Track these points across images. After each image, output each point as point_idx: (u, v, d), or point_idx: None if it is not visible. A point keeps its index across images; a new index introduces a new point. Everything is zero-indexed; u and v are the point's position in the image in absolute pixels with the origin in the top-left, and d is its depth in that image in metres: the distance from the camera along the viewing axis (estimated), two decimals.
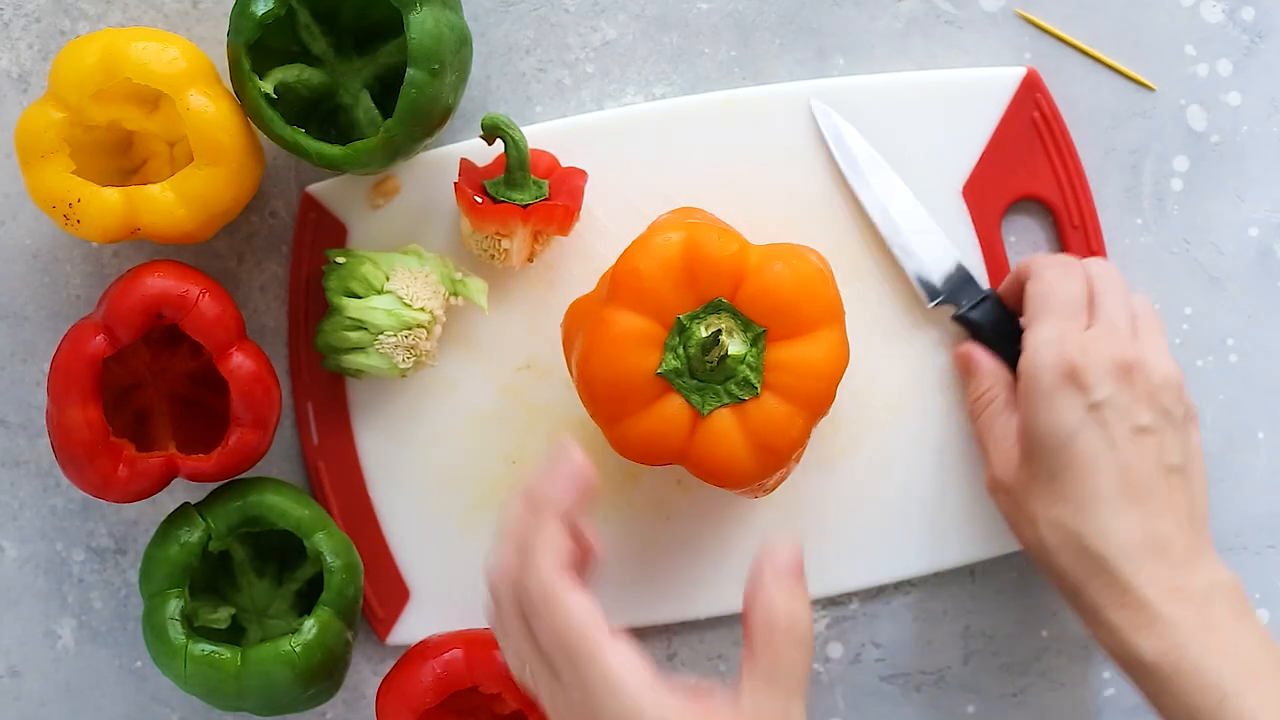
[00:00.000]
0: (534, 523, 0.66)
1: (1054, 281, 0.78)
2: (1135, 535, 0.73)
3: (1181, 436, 0.76)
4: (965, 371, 0.82)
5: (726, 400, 0.72)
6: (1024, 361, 0.77)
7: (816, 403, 0.73)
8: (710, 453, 0.72)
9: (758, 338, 0.72)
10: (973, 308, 0.82)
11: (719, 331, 0.71)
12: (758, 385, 0.72)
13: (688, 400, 0.72)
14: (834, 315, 0.73)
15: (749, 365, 0.72)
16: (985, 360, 0.81)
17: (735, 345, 0.72)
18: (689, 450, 0.73)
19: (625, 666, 0.63)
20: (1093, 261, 0.80)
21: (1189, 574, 0.73)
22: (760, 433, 0.72)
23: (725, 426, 0.72)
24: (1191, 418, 0.77)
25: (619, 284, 0.72)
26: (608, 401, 0.73)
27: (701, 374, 0.72)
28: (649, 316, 0.72)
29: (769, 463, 0.73)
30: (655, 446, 0.73)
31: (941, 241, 0.82)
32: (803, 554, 0.67)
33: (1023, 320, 0.79)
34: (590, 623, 0.64)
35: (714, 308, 0.72)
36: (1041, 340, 0.76)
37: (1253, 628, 0.73)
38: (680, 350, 0.72)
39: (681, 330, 0.72)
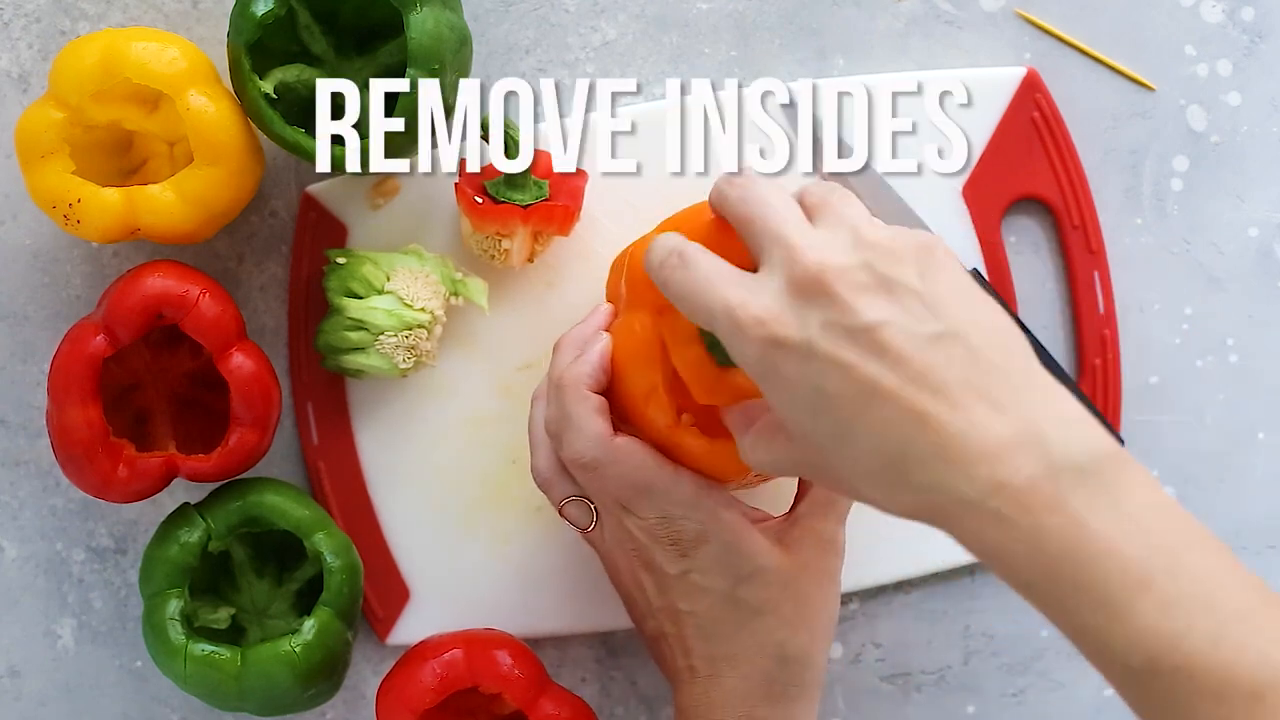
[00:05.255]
0: (572, 397, 0.72)
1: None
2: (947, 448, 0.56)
3: (924, 296, 0.58)
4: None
5: None
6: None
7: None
8: None
9: None
10: None
11: None
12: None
13: None
14: None
15: None
16: None
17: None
18: None
19: (704, 484, 0.71)
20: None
21: (1028, 456, 0.56)
22: None
23: None
24: (926, 254, 0.59)
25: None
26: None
27: None
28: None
29: None
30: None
31: None
32: None
33: None
34: (655, 459, 0.71)
35: None
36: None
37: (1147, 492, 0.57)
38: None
39: None
